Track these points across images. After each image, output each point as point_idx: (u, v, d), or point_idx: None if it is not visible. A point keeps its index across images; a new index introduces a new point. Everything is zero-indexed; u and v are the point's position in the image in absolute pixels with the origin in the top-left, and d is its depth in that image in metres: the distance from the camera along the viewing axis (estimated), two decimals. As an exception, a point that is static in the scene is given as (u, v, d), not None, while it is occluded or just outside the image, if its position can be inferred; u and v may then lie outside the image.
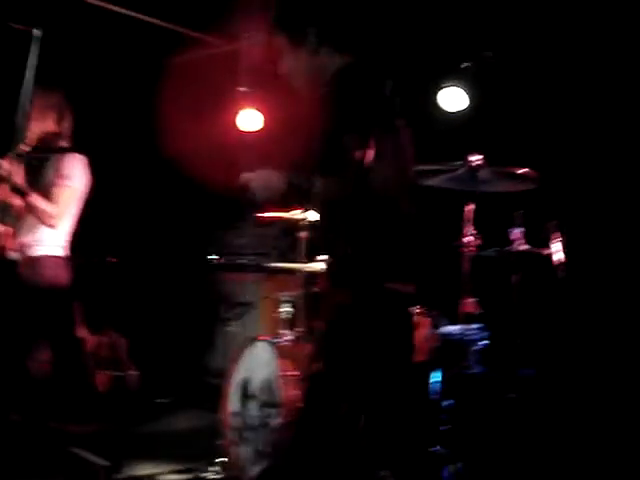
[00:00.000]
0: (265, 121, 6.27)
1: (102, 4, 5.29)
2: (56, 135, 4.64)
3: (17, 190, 4.35)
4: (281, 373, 4.41)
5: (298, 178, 5.48)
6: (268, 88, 6.20)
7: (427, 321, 4.52)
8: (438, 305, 4.63)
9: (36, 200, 4.41)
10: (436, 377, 4.39)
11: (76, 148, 4.66)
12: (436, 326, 4.56)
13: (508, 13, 5.11)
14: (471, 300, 4.12)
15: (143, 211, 5.92)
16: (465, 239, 4.19)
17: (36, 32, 2.95)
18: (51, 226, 4.47)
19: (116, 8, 5.24)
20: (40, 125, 4.54)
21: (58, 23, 3.06)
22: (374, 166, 2.98)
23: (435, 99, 5.20)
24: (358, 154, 2.28)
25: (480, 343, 4.51)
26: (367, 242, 4.07)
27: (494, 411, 4.26)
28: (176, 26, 5.86)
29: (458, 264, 4.20)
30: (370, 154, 2.31)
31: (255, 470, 4.38)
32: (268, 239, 6.11)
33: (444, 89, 5.21)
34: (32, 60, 2.90)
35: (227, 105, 6.29)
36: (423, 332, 4.49)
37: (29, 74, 2.95)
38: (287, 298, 4.91)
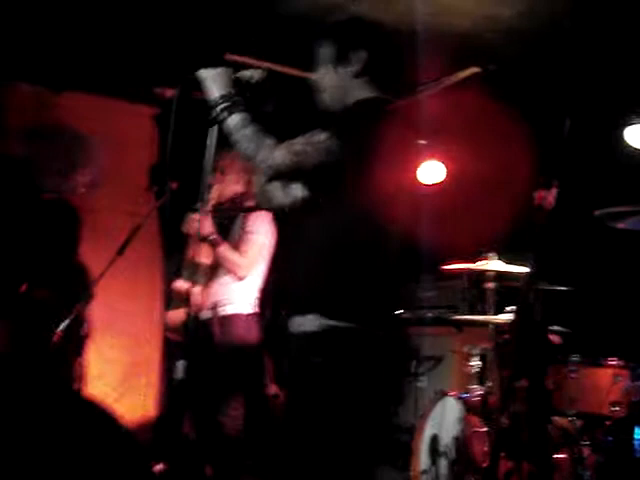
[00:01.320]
0: (449, 174, 6.22)
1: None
2: (244, 195, 4.80)
3: (208, 241, 4.50)
4: (471, 430, 4.27)
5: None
6: (452, 141, 6.15)
7: (626, 372, 4.25)
8: (638, 355, 4.35)
9: (226, 251, 4.54)
10: (638, 433, 4.12)
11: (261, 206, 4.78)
12: (637, 377, 4.28)
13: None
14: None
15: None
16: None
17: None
18: (240, 278, 4.58)
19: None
20: (233, 187, 4.75)
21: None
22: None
23: (622, 136, 4.99)
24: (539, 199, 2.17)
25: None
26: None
27: None
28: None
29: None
30: (551, 197, 2.18)
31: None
32: (456, 291, 5.99)
33: (631, 125, 5.00)
34: (212, 129, 3.00)
35: (410, 159, 6.27)
36: (622, 384, 4.23)
37: (210, 140, 3.05)
38: (477, 352, 4.78)
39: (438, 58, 5.36)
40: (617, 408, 4.23)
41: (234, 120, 2.84)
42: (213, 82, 2.92)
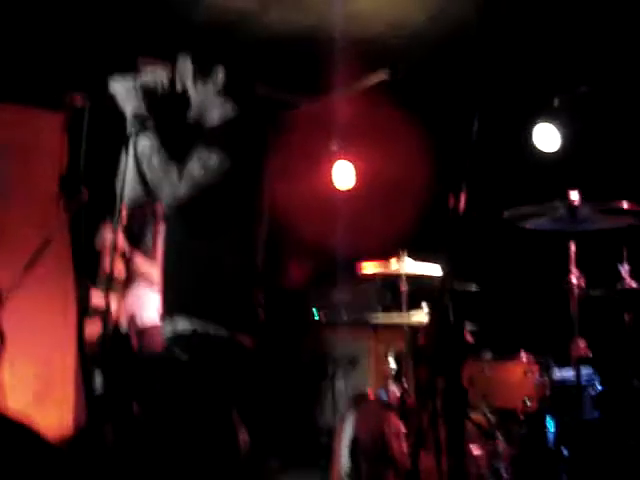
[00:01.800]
0: (360, 176, 6.29)
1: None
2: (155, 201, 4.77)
3: (121, 255, 4.47)
4: (390, 429, 4.34)
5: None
6: (362, 144, 6.24)
7: (536, 367, 4.38)
8: (546, 349, 4.49)
9: (141, 262, 4.51)
10: (550, 425, 4.25)
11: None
12: (546, 372, 4.42)
13: (601, 47, 5.00)
14: (582, 342, 3.95)
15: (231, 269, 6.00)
16: (571, 279, 4.03)
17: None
18: (156, 285, 4.56)
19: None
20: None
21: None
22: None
23: (530, 138, 5.14)
24: (451, 202, 2.25)
25: (594, 387, 4.35)
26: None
27: (613, 459, 4.06)
28: (270, 90, 5.95)
29: (565, 306, 4.05)
30: (463, 200, 2.26)
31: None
32: (371, 293, 6.07)
33: (538, 127, 5.15)
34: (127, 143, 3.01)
35: (322, 163, 6.36)
36: (532, 379, 4.36)
37: (125, 154, 3.06)
38: (392, 352, 4.85)
39: (349, 63, 5.44)
40: (529, 402, 4.35)
41: (142, 145, 2.90)
42: (125, 99, 2.95)
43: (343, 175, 6.33)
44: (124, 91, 2.97)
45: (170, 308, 3.05)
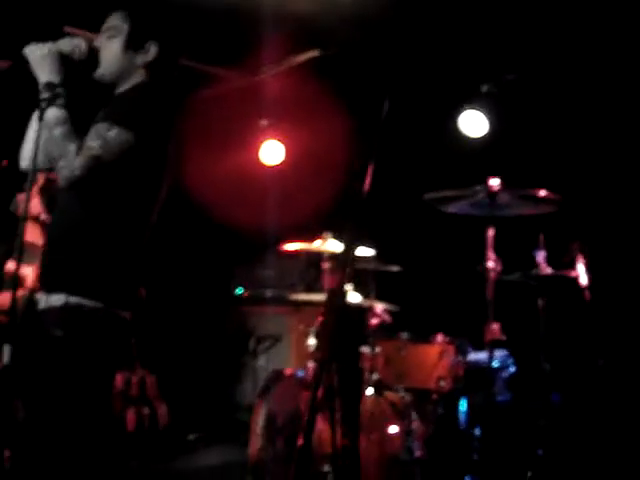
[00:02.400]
0: (288, 154, 6.30)
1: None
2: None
3: (37, 221, 4.39)
4: (305, 406, 4.36)
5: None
6: (290, 120, 6.24)
7: (451, 348, 4.47)
8: (462, 332, 4.58)
9: None
10: (462, 406, 4.34)
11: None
12: (461, 353, 4.51)
13: (529, 35, 5.07)
14: (496, 325, 4.03)
15: (167, 246, 5.96)
16: (487, 264, 4.11)
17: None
18: None
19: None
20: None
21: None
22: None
23: (456, 124, 5.20)
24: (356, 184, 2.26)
25: (507, 370, 4.45)
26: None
27: (524, 439, 4.18)
28: (195, 63, 5.89)
29: (482, 289, 4.13)
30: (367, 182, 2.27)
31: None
32: (294, 271, 6.10)
33: (464, 113, 5.22)
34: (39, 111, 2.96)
35: (250, 139, 6.35)
36: (448, 360, 4.45)
37: (37, 121, 3.00)
38: (313, 330, 4.88)
39: (280, 40, 5.41)
40: (443, 383, 4.44)
41: (51, 114, 2.85)
42: (39, 66, 2.89)
43: (270, 152, 6.32)
44: (39, 57, 2.90)
45: (47, 282, 3.02)
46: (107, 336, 2.90)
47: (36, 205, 4.41)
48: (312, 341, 4.81)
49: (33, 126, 3.06)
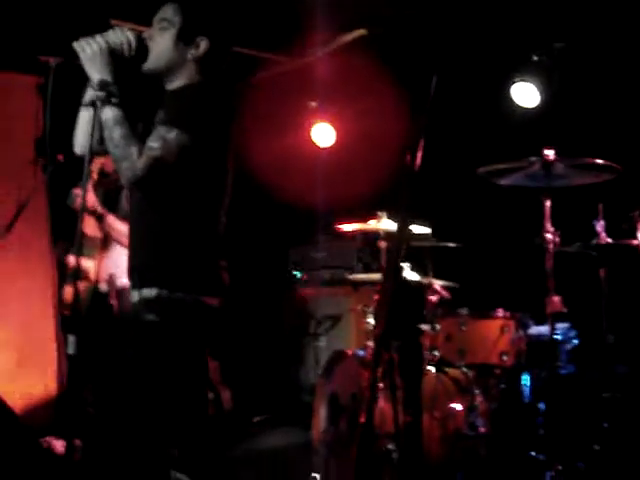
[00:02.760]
0: (339, 134, 6.29)
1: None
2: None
3: (93, 214, 4.46)
4: (366, 384, 4.37)
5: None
6: (340, 100, 6.22)
7: (512, 323, 4.43)
8: (523, 306, 4.53)
9: (114, 223, 4.51)
10: (525, 380, 4.31)
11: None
12: (522, 328, 4.47)
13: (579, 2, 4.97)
14: (557, 298, 3.97)
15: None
16: (546, 235, 4.05)
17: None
18: None
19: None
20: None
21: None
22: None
23: (508, 94, 5.13)
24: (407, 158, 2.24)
25: (570, 342, 4.40)
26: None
27: (589, 411, 4.13)
28: (244, 49, 5.90)
29: (541, 262, 4.07)
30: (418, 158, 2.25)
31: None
32: (350, 251, 6.09)
33: (516, 84, 5.14)
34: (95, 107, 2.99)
35: (301, 121, 6.35)
36: (509, 335, 4.41)
37: (92, 117, 3.02)
38: (372, 310, 4.88)
39: (326, 21, 5.39)
40: (506, 357, 4.40)
41: (107, 114, 2.88)
42: (91, 63, 2.91)
43: (322, 133, 6.32)
44: (90, 54, 2.92)
45: (136, 280, 3.09)
46: (198, 322, 2.97)
47: (91, 198, 4.48)
48: (371, 320, 4.82)
49: (83, 113, 3.08)
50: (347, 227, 4.98)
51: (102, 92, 2.90)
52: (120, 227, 4.51)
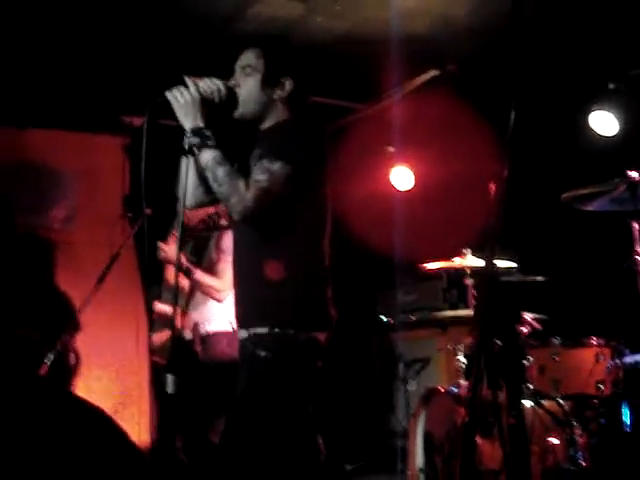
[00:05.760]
0: (418, 176, 6.31)
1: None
2: (217, 215, 4.84)
3: (182, 270, 4.55)
4: (461, 421, 4.30)
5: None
6: (417, 144, 6.25)
7: (607, 351, 4.30)
8: (617, 333, 4.40)
9: (202, 277, 4.59)
10: (625, 410, 4.16)
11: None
12: (618, 355, 4.33)
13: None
14: (653, 322, 3.86)
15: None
16: (636, 258, 3.95)
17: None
18: (218, 300, 4.62)
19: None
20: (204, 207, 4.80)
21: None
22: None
23: (587, 123, 5.10)
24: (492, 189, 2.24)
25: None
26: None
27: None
28: (323, 98, 6.01)
29: (633, 287, 3.97)
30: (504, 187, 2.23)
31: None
32: (436, 292, 6.04)
33: (594, 113, 5.10)
34: (186, 158, 3.07)
35: (381, 166, 6.40)
36: (604, 363, 4.28)
37: (184, 168, 3.11)
38: (462, 347, 4.82)
39: (398, 63, 5.46)
40: (602, 387, 4.27)
41: (205, 158, 2.96)
42: (184, 112, 2.99)
43: (400, 177, 6.35)
44: (183, 104, 3.00)
45: (246, 317, 3.11)
46: (310, 360, 2.98)
47: (176, 254, 4.58)
48: (462, 358, 4.76)
49: (185, 169, 3.11)
50: (431, 265, 4.95)
51: (197, 138, 2.97)
52: (208, 281, 4.59)
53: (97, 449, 2.56)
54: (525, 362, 4.39)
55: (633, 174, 3.95)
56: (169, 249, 4.51)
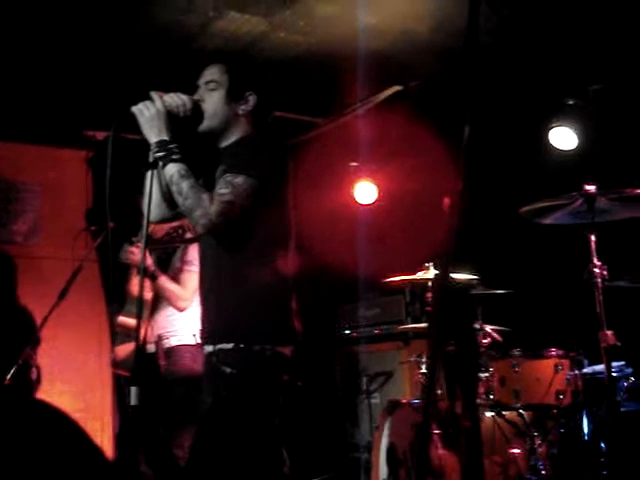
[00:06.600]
0: (381, 190, 6.36)
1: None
2: (182, 228, 4.85)
3: (146, 273, 4.54)
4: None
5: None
6: (381, 160, 6.30)
7: (566, 362, 4.37)
8: (575, 344, 4.47)
9: (165, 282, 4.58)
10: (585, 419, 4.23)
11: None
12: (577, 366, 4.41)
13: (610, 46, 5.03)
14: (610, 332, 3.92)
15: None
16: (593, 270, 4.02)
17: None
18: (179, 309, 4.62)
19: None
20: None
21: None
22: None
23: (546, 138, 5.18)
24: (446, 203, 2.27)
25: (627, 379, 4.32)
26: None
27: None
28: (285, 113, 6.05)
29: (591, 298, 4.04)
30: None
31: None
32: (400, 305, 6.09)
33: (553, 129, 5.19)
34: (151, 171, 3.09)
35: (344, 181, 6.45)
36: (564, 373, 4.35)
37: (149, 182, 3.12)
38: (424, 360, 4.86)
39: (361, 79, 5.51)
40: (562, 397, 4.34)
41: (170, 171, 2.98)
42: (149, 125, 3.01)
43: (364, 191, 6.40)
44: (148, 117, 3.01)
45: (211, 332, 3.12)
46: (275, 375, 3.00)
47: (146, 257, 4.57)
48: (424, 370, 4.80)
49: (150, 183, 3.10)
50: (394, 279, 5.00)
51: (162, 151, 2.99)
52: (171, 287, 4.59)
53: (60, 450, 2.55)
54: (483, 371, 4.46)
55: (590, 187, 4.01)
56: (138, 252, 4.50)
